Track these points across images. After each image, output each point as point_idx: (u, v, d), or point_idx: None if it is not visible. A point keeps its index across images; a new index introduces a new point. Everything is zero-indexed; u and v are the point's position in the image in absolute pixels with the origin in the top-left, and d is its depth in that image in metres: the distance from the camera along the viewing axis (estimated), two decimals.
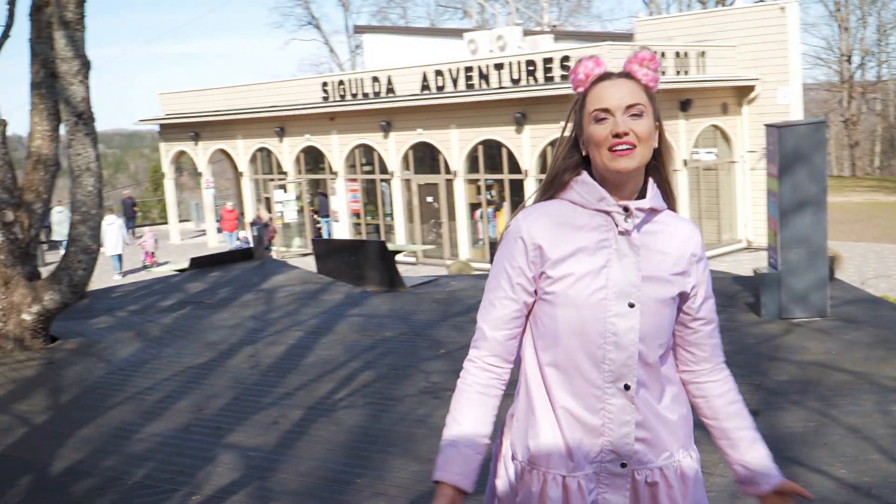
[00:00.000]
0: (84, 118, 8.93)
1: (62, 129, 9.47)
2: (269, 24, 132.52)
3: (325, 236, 27.14)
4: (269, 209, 27.47)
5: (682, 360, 2.41)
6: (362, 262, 11.61)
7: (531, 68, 21.79)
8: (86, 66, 8.95)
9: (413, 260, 24.98)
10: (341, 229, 27.26)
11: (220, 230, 31.35)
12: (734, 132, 24.11)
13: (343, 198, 27.29)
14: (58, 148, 9.85)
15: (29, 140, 9.71)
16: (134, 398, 7.18)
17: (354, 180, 27.29)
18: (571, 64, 21.05)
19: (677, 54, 22.25)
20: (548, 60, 21.58)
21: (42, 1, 9.63)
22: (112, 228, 23.81)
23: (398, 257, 24.72)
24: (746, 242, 24.06)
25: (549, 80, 21.43)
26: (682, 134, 22.65)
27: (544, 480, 2.27)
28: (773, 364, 7.12)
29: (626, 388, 2.22)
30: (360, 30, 43.91)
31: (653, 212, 2.29)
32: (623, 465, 2.26)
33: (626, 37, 29.58)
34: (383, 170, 26.17)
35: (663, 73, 21.51)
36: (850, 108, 49.04)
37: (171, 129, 32.54)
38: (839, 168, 53.74)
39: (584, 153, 2.31)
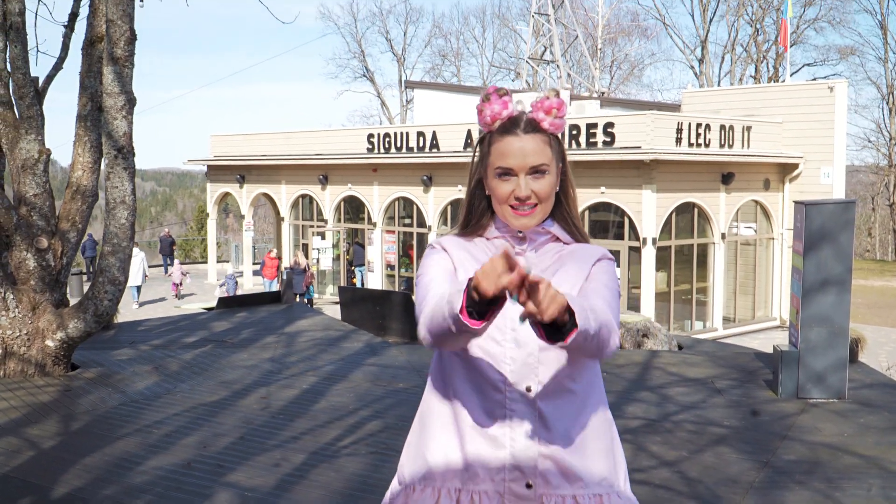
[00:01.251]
0: (124, 152, 9.13)
1: (103, 163, 9.68)
2: (325, 74, 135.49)
3: (358, 286, 27.27)
4: (306, 255, 27.70)
5: None
6: (386, 312, 11.67)
7: (574, 132, 21.93)
8: (130, 102, 9.17)
9: None
10: (375, 279, 27.39)
11: (255, 273, 31.61)
12: (775, 209, 24.01)
13: (379, 248, 27.47)
14: (97, 180, 10.06)
15: (70, 170, 9.93)
16: (142, 430, 7.25)
17: (392, 232, 27.49)
18: (615, 130, 21.28)
19: (722, 127, 22.29)
20: (591, 126, 21.72)
21: (95, 36, 9.90)
22: (135, 261, 24.51)
23: None
24: (780, 321, 23.81)
25: (591, 145, 21.56)
26: (723, 207, 22.60)
27: (438, 496, 2.19)
28: (784, 443, 7.03)
29: (528, 390, 2.15)
30: (410, 85, 44.59)
31: (554, 239, 2.31)
32: (529, 486, 2.15)
33: (674, 107, 29.70)
34: (421, 223, 26.35)
35: (707, 144, 21.56)
36: None
37: (219, 171, 33.06)
38: (883, 252, 53.12)
39: (488, 193, 2.35)
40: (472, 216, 2.36)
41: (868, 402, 8.33)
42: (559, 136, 2.33)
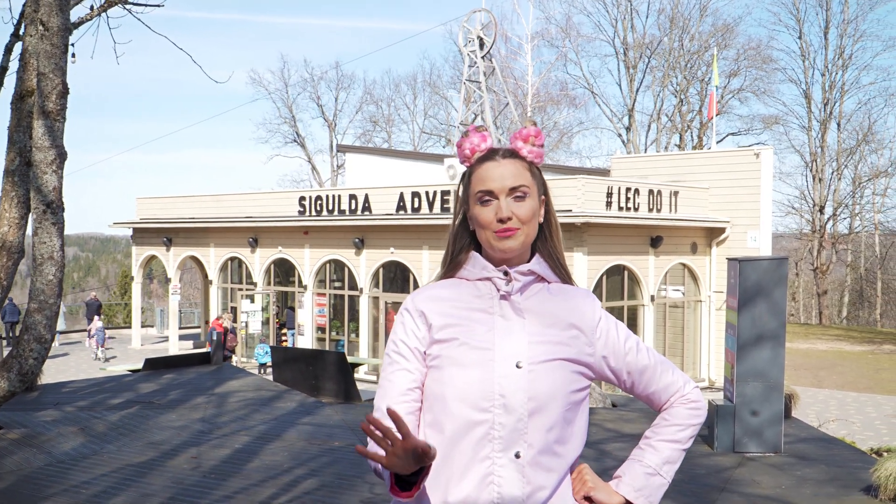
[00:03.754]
0: (53, 207, 8.91)
1: (30, 218, 9.43)
2: (255, 139, 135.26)
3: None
4: (234, 319, 27.31)
5: (655, 405, 2.38)
6: (319, 372, 11.48)
7: None
8: (61, 156, 8.97)
9: (375, 378, 24.75)
10: (305, 342, 27.06)
11: (182, 337, 31.01)
12: (702, 272, 24.38)
13: (310, 311, 27.22)
14: (24, 236, 9.79)
15: None
16: (69, 491, 6.97)
17: (323, 295, 27.27)
18: None
19: (651, 192, 22.65)
20: None
21: (26, 90, 9.73)
22: None
23: (365, 375, 24.44)
24: (709, 382, 24.05)
25: None
26: (652, 270, 22.88)
27: None
28: (722, 495, 7.03)
29: (517, 456, 2.11)
30: (343, 149, 44.66)
31: (539, 279, 2.30)
32: None
33: (603, 172, 30.14)
34: (353, 286, 26.19)
35: (636, 208, 21.89)
36: (820, 257, 49.83)
37: (145, 234, 32.56)
38: (807, 316, 54.24)
39: (472, 228, 2.35)
40: (454, 251, 2.38)
41: (804, 455, 8.38)
42: (539, 167, 2.34)
